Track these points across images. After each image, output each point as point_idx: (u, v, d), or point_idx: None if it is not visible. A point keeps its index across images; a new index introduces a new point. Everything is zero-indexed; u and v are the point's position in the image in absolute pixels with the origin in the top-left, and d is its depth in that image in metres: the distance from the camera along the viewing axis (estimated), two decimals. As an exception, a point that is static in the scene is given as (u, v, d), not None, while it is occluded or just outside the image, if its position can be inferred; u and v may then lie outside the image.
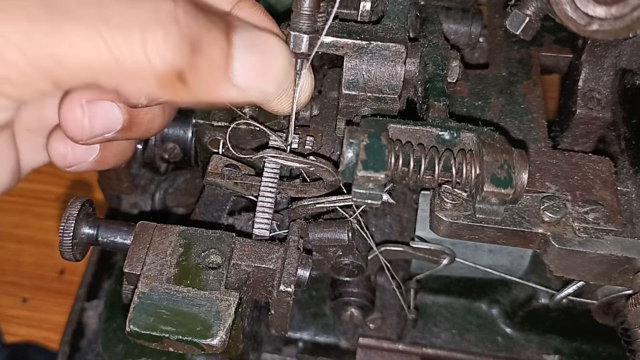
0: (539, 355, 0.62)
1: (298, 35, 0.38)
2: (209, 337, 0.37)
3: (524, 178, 0.38)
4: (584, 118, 0.49)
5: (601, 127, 0.49)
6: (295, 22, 0.38)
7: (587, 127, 0.49)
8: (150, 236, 0.41)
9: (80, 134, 0.36)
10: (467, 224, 0.40)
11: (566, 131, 0.50)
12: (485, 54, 0.56)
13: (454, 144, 0.40)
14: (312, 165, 0.43)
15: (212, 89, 0.36)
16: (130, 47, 0.31)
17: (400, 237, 0.56)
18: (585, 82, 0.49)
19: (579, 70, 0.49)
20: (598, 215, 0.41)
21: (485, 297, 0.64)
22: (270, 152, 0.43)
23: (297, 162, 0.43)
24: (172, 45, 0.32)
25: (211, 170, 0.46)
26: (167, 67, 0.32)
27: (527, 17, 0.43)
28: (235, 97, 0.37)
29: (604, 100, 0.48)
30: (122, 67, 0.31)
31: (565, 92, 0.52)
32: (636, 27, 0.37)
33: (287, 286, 0.39)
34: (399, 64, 0.43)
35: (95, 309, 0.67)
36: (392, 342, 0.62)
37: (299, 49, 0.39)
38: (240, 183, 0.45)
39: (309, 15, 0.38)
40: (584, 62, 0.49)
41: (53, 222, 0.83)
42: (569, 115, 0.50)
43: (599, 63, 0.49)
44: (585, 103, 0.48)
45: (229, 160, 0.46)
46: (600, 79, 0.49)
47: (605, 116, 0.48)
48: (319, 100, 0.49)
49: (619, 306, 0.49)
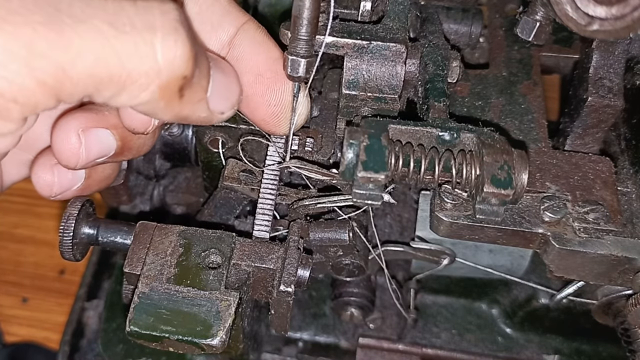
0: (539, 355, 0.62)
1: (296, 59, 0.39)
2: (209, 337, 0.37)
3: (524, 179, 0.38)
4: (595, 105, 0.48)
5: (612, 116, 0.48)
6: (293, 46, 0.38)
7: (598, 115, 0.48)
8: (150, 236, 0.41)
9: (76, 162, 0.35)
10: (467, 224, 0.40)
11: (577, 120, 0.49)
12: (486, 54, 0.56)
13: (454, 145, 0.40)
14: (334, 177, 0.43)
15: (195, 106, 0.35)
16: (138, 50, 0.30)
17: (400, 237, 0.56)
18: (596, 69, 0.48)
19: (589, 57, 0.48)
20: (598, 216, 0.41)
21: (485, 297, 0.64)
22: (295, 163, 0.43)
23: (320, 174, 0.43)
24: (182, 52, 0.31)
25: (228, 174, 0.46)
26: (175, 72, 0.31)
27: (538, 23, 0.43)
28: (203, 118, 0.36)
29: (615, 88, 0.48)
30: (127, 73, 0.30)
31: (575, 80, 0.51)
32: (637, 27, 0.37)
33: (287, 286, 0.39)
34: (400, 64, 0.43)
35: (95, 309, 0.67)
36: (392, 342, 0.62)
37: (296, 73, 0.39)
38: (257, 189, 0.45)
39: (307, 40, 0.38)
40: (594, 49, 0.48)
41: (53, 222, 0.84)
42: (579, 103, 0.49)
43: (610, 50, 0.48)
44: (597, 90, 0.48)
45: (243, 165, 0.46)
46: (612, 66, 0.48)
47: (617, 104, 0.47)
48: (319, 101, 0.49)
49: (619, 306, 0.49)
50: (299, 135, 0.46)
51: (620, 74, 0.48)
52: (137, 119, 0.36)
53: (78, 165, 0.36)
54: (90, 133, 0.35)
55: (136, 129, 0.36)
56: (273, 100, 0.40)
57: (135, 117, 0.35)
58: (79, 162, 0.36)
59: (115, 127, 0.37)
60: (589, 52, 0.49)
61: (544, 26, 0.43)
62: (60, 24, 0.28)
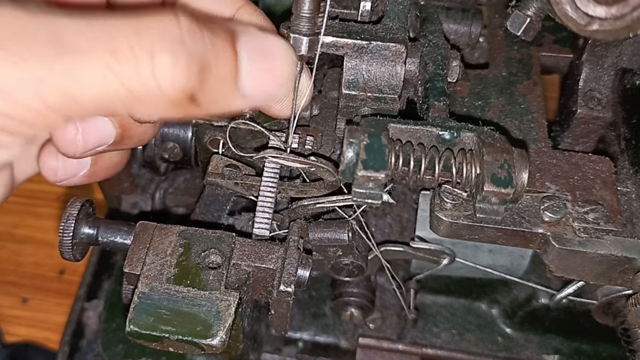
0: (539, 355, 0.62)
1: (298, 37, 0.38)
2: (209, 337, 0.37)
3: (524, 178, 0.38)
4: (585, 117, 0.48)
5: (602, 127, 0.49)
6: (295, 24, 0.38)
7: (587, 127, 0.49)
8: (150, 236, 0.41)
9: (74, 151, 0.36)
10: (467, 223, 0.40)
11: (567, 131, 0.50)
12: (486, 54, 0.56)
13: (454, 144, 0.40)
14: (313, 165, 0.43)
15: (222, 103, 0.36)
16: (140, 76, 0.31)
17: (400, 237, 0.56)
18: (585, 81, 0.49)
19: (579, 69, 0.49)
20: (598, 215, 0.41)
21: (485, 297, 0.64)
22: (271, 153, 0.43)
23: (297, 162, 0.43)
24: (181, 70, 0.32)
25: (212, 170, 0.46)
26: (178, 91, 0.32)
27: (528, 18, 0.43)
28: (244, 105, 0.37)
29: (605, 100, 0.48)
30: (134, 96, 0.31)
31: (566, 91, 0.52)
32: (636, 27, 0.37)
33: (287, 286, 0.39)
34: (399, 63, 0.43)
35: (95, 309, 0.67)
36: (392, 342, 0.62)
37: (299, 51, 0.39)
38: (241, 183, 0.45)
39: (309, 18, 0.38)
40: (584, 62, 0.49)
41: (53, 222, 0.83)
42: (569, 115, 0.50)
43: (600, 63, 0.49)
44: (586, 102, 0.48)
45: (229, 161, 0.46)
46: (601, 79, 0.49)
47: (606, 116, 0.48)
48: (319, 100, 0.49)
49: (619, 306, 0.49)
50: (299, 134, 0.45)
51: (610, 86, 0.49)
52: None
53: (77, 153, 0.36)
54: (87, 121, 0.35)
55: (141, 118, 0.36)
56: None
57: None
58: (77, 150, 0.36)
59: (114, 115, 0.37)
60: (579, 64, 0.49)
61: (534, 22, 0.43)
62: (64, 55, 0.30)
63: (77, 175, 0.39)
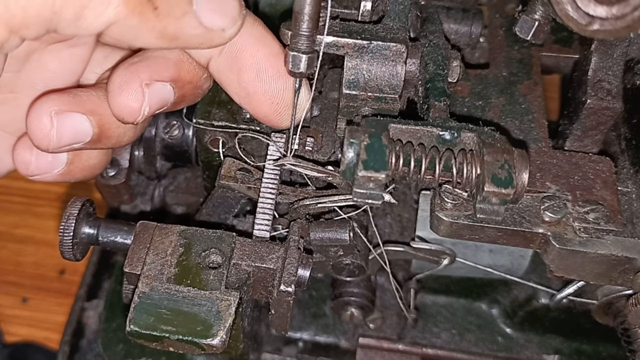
0: (539, 355, 0.62)
1: (297, 55, 0.39)
2: (210, 337, 0.37)
3: (524, 178, 0.38)
4: (594, 108, 0.48)
5: (611, 118, 0.48)
6: (294, 42, 0.38)
7: (597, 118, 0.48)
8: (150, 236, 0.41)
9: (47, 144, 0.35)
10: (467, 224, 0.40)
11: (576, 122, 0.49)
12: (486, 54, 0.56)
13: (455, 144, 0.40)
14: (330, 175, 0.43)
15: (178, 19, 0.33)
16: None
17: (400, 237, 0.56)
18: (595, 71, 0.48)
19: (588, 59, 0.49)
20: (598, 215, 0.41)
21: (485, 297, 0.64)
22: (291, 160, 0.43)
23: (316, 171, 0.43)
24: None
25: (224, 173, 0.46)
26: None
27: (536, 22, 0.43)
28: (198, 36, 0.35)
29: (615, 90, 0.48)
30: None
31: (574, 83, 0.51)
32: (637, 27, 0.37)
33: (288, 286, 0.39)
34: (400, 63, 0.43)
35: (95, 309, 0.67)
36: (392, 342, 0.62)
37: (297, 69, 0.39)
38: (254, 187, 0.45)
39: (308, 36, 0.38)
40: (593, 52, 0.48)
41: (53, 222, 0.83)
42: (578, 106, 0.49)
43: (609, 53, 0.48)
44: (596, 93, 0.48)
45: (241, 164, 0.46)
46: (610, 69, 0.48)
47: (616, 106, 0.47)
48: (320, 100, 0.49)
49: (619, 306, 0.49)
50: (299, 135, 0.45)
51: (619, 76, 0.48)
52: (126, 107, 0.35)
53: (50, 147, 0.35)
54: (63, 116, 0.35)
55: (125, 119, 0.35)
56: (275, 97, 0.40)
57: (125, 104, 0.35)
58: (51, 144, 0.35)
59: (93, 113, 0.36)
60: (588, 54, 0.49)
61: (543, 25, 0.43)
62: None
63: (51, 172, 0.39)
